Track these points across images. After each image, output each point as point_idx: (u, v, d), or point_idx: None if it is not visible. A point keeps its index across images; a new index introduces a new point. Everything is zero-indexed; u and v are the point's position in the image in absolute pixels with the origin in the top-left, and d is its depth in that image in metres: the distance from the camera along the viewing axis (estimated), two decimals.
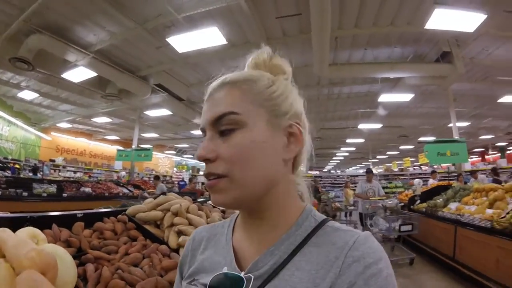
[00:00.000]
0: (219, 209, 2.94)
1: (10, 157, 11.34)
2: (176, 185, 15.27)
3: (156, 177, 9.44)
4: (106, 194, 8.14)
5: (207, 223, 2.11)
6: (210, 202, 3.40)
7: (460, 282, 4.51)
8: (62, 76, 7.97)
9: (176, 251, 1.84)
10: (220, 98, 0.58)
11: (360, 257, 0.49)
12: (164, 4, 5.32)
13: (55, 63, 7.48)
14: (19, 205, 5.61)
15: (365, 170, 8.02)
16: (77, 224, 1.73)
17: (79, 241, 1.55)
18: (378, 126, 13.10)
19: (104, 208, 2.77)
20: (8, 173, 7.72)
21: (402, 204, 8.10)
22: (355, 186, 11.68)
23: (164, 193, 2.80)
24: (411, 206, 7.46)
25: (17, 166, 9.79)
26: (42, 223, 1.47)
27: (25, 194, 6.30)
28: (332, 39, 5.99)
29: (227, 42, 6.13)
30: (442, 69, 7.09)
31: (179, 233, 1.97)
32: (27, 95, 10.51)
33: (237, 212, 0.70)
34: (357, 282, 0.46)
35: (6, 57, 6.70)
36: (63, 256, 1.06)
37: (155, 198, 2.46)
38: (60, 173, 13.83)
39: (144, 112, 11.84)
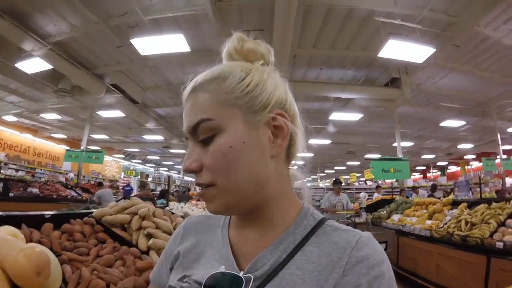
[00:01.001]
0: (182, 217, 2.95)
1: None
2: (121, 190, 14.33)
3: (99, 184, 9.08)
4: (54, 196, 7.73)
5: (174, 228, 2.21)
6: (168, 208, 3.48)
7: (404, 286, 4.79)
8: (15, 65, 7.60)
9: (146, 253, 1.88)
10: (192, 104, 0.56)
11: (363, 258, 0.49)
12: (131, 3, 5.34)
13: (9, 50, 7.13)
14: None
15: (333, 180, 7.43)
16: (46, 225, 1.68)
17: (50, 243, 1.50)
18: (327, 142, 13.77)
19: (67, 210, 2.79)
20: None
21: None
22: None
23: (127, 198, 2.84)
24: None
25: None
26: (11, 223, 1.38)
27: None
28: (290, 57, 6.36)
29: (190, 50, 6.23)
30: (390, 93, 7.77)
31: (148, 236, 2.01)
32: None
33: None
34: (361, 284, 0.47)
35: None
36: (51, 256, 1.12)
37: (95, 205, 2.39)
38: (1, 171, 12.91)
39: (96, 112, 11.42)
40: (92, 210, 2.33)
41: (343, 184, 25.51)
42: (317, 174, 26.49)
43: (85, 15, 5.93)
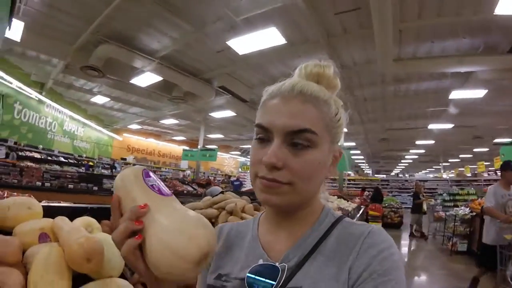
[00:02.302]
0: None
1: (84, 155, 12.33)
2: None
3: (208, 183, 9.58)
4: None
5: None
6: None
7: None
8: (130, 81, 8.56)
9: None
10: (297, 109, 0.60)
11: (374, 244, 0.57)
12: (222, 7, 5.41)
13: (123, 69, 8.05)
14: (89, 198, 5.95)
15: (502, 164, 4.53)
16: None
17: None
18: (449, 126, 12.02)
19: None
20: (82, 170, 8.34)
21: (474, 213, 7.44)
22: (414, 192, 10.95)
23: (222, 192, 2.83)
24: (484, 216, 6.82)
25: (91, 163, 10.59)
26: (101, 214, 1.56)
27: (95, 188, 6.77)
28: (395, 33, 5.63)
29: (286, 42, 6.08)
30: None
31: None
32: (99, 99, 11.56)
33: (262, 211, 0.78)
34: (372, 263, 0.55)
35: (78, 66, 7.42)
36: (113, 245, 1.12)
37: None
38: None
39: (209, 114, 12.26)
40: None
41: (468, 175, 22.31)
42: (440, 164, 23.78)
43: (183, 28, 6.21)
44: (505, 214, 4.10)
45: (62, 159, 9.45)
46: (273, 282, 0.61)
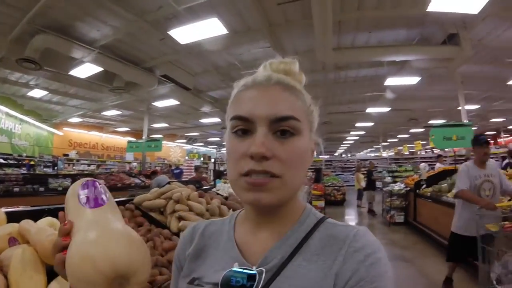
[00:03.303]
0: (221, 195, 3.06)
1: (24, 154, 11.61)
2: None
3: (153, 172, 9.52)
4: (119, 185, 8.30)
5: (207, 210, 2.44)
6: (214, 189, 3.50)
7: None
8: (69, 73, 8.13)
9: (177, 234, 2.10)
10: (278, 97, 0.60)
11: (360, 248, 0.55)
12: None
13: (61, 60, 7.62)
14: (37, 200, 5.79)
15: (474, 139, 3.94)
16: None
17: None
18: (386, 109, 12.92)
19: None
20: (23, 170, 7.92)
21: (408, 189, 8.22)
22: (367, 169, 11.95)
23: (168, 183, 2.91)
24: (417, 191, 7.60)
25: (32, 162, 10.03)
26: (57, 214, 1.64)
27: (41, 189, 6.64)
28: (335, 23, 5.90)
29: (228, 32, 6.10)
30: (448, 51, 6.86)
31: (180, 218, 2.20)
32: (37, 93, 10.82)
33: (238, 210, 0.76)
34: (359, 269, 0.52)
35: (13, 58, 6.88)
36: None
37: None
38: (74, 167, 14.18)
39: (153, 103, 11.99)
40: (132, 198, 2.54)
41: (406, 153, 24.01)
42: (380, 144, 25.28)
43: (123, 16, 6.01)
44: (482, 198, 3.53)
45: (1, 160, 8.86)
46: (250, 287, 0.57)
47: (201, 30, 5.97)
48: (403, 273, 4.75)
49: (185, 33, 6.13)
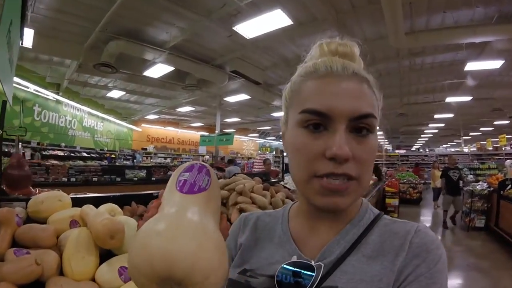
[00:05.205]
0: (288, 189, 3.03)
1: (106, 149, 12.70)
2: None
3: (230, 161, 9.79)
4: None
5: (270, 203, 2.41)
6: (282, 183, 3.50)
7: None
8: (143, 74, 8.75)
9: None
10: (358, 91, 0.54)
11: (422, 244, 0.54)
12: None
13: (135, 63, 8.23)
14: (113, 189, 6.21)
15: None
16: (152, 201, 1.92)
17: (152, 215, 1.78)
18: (467, 98, 11.56)
19: None
20: (105, 162, 8.63)
21: (492, 189, 7.29)
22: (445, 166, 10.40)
23: (234, 175, 2.95)
24: (501, 192, 6.62)
25: (113, 156, 10.92)
26: (123, 201, 1.83)
27: (118, 179, 7.07)
28: (405, 5, 5.51)
29: (293, 22, 6.01)
30: None
31: (241, 210, 2.14)
32: (115, 94, 11.88)
33: (291, 203, 0.73)
34: (420, 264, 0.52)
35: (91, 64, 7.64)
36: (132, 225, 1.42)
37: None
38: (151, 160, 15.19)
39: (224, 99, 12.37)
40: None
41: (489, 148, 21.29)
42: (461, 138, 23.15)
43: (189, 17, 6.24)
44: None
45: (84, 154, 9.80)
46: (307, 282, 0.55)
47: (265, 23, 5.97)
48: (477, 285, 4.33)
49: (250, 28, 6.19)
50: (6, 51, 1.76)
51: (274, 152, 22.22)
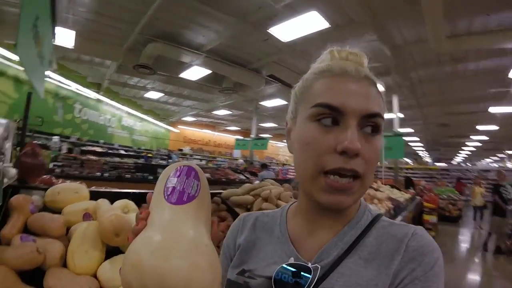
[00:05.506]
0: None
1: (143, 148, 13.12)
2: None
3: (263, 166, 9.75)
4: (224, 179, 8.71)
5: None
6: None
7: None
8: (180, 76, 8.95)
9: None
10: (368, 92, 0.56)
11: (419, 247, 0.53)
12: None
13: (172, 65, 8.41)
14: (143, 186, 6.29)
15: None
16: (141, 210, 1.93)
17: (141, 228, 1.77)
18: None
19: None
20: (142, 161, 8.86)
21: None
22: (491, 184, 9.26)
23: (262, 180, 2.90)
24: None
25: (149, 155, 11.18)
26: (143, 198, 1.69)
27: (150, 177, 7.21)
28: (446, 6, 5.22)
29: (329, 25, 5.92)
30: None
31: None
32: (153, 95, 12.28)
33: (289, 203, 0.74)
34: (416, 268, 0.51)
35: (130, 65, 7.96)
36: None
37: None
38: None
39: (260, 103, 12.42)
40: (223, 191, 2.46)
41: None
42: (504, 152, 21.44)
43: (225, 20, 6.32)
44: None
45: (122, 152, 10.10)
46: (304, 283, 0.56)
47: (301, 26, 5.93)
48: None
49: (286, 30, 6.16)
50: (33, 45, 1.84)
51: None
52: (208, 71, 8.53)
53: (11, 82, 7.67)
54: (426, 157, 30.38)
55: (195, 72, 8.71)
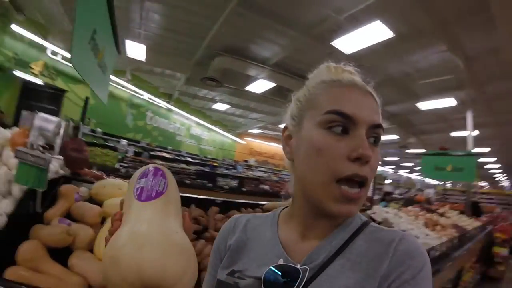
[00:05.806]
0: (373, 220, 2.79)
1: (209, 156, 13.70)
2: None
3: None
4: (282, 192, 8.71)
5: None
6: (369, 212, 3.30)
7: None
8: (246, 88, 9.26)
9: None
10: (374, 105, 0.62)
11: (407, 252, 0.55)
12: (323, 9, 5.41)
13: (239, 78, 8.72)
14: (201, 193, 6.47)
15: None
16: (213, 208, 2.07)
17: (206, 221, 1.91)
18: None
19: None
20: (207, 169, 9.20)
21: None
22: None
23: None
24: None
25: (215, 164, 11.58)
26: (186, 202, 1.89)
27: (210, 185, 7.49)
28: None
29: (394, 35, 5.71)
30: None
31: None
32: (221, 106, 12.75)
33: (280, 208, 0.78)
34: (404, 272, 0.52)
35: (198, 78, 8.39)
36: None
37: None
38: (252, 173, 15.66)
39: None
40: (266, 203, 2.53)
41: None
42: None
43: (289, 34, 6.42)
44: None
45: (189, 159, 10.63)
46: (292, 284, 0.57)
47: (365, 36, 5.80)
48: None
49: (349, 42, 6.08)
50: (92, 57, 2.06)
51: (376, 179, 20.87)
52: (273, 84, 8.68)
53: (87, 89, 8.48)
54: (503, 180, 27.19)
55: (260, 85, 8.94)
